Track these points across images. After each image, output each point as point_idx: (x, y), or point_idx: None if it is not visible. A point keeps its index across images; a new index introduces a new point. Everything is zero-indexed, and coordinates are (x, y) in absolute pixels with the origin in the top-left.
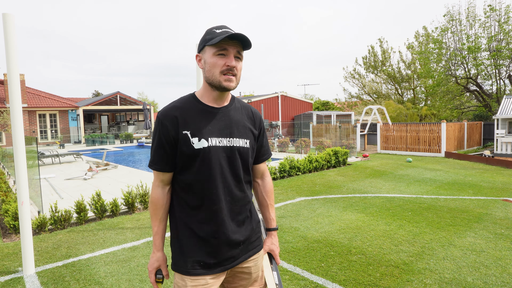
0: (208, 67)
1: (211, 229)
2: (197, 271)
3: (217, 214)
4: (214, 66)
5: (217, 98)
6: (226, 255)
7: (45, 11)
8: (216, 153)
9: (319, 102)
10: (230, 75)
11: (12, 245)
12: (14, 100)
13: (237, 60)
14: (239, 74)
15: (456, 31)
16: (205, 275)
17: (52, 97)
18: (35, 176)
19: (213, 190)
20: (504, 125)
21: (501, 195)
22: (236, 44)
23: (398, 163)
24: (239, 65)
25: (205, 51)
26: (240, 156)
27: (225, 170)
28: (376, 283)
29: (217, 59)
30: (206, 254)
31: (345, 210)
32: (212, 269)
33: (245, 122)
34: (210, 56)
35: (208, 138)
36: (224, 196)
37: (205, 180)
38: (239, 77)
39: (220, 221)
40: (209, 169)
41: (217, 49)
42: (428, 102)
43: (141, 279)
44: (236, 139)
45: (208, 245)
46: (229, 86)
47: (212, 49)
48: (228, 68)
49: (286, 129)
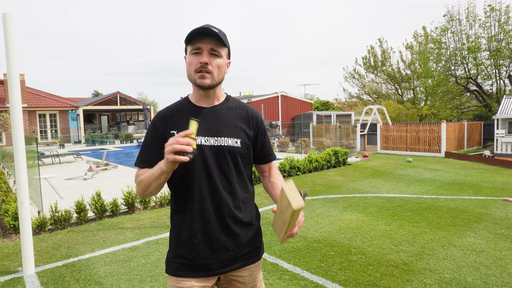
0: (187, 66)
1: (194, 229)
2: (182, 273)
3: (201, 214)
4: (190, 64)
5: (204, 97)
6: (213, 258)
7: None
8: (202, 152)
9: (319, 102)
10: (203, 72)
11: (12, 245)
12: (14, 100)
13: (213, 57)
14: (216, 71)
15: (456, 31)
16: (190, 278)
17: (52, 97)
18: (35, 176)
19: (197, 189)
20: (504, 125)
21: (501, 195)
22: (209, 40)
23: (398, 163)
24: (215, 62)
25: (187, 51)
26: (230, 156)
27: (212, 170)
28: (376, 283)
29: (192, 57)
30: (190, 255)
31: (345, 210)
32: (198, 272)
33: (236, 122)
34: (188, 55)
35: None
36: (209, 196)
37: (190, 179)
38: (218, 74)
39: (205, 221)
40: (193, 167)
41: (192, 47)
42: (428, 102)
43: (141, 279)
44: (225, 138)
45: (191, 246)
46: (203, 83)
47: (189, 48)
48: (201, 65)
49: (286, 129)
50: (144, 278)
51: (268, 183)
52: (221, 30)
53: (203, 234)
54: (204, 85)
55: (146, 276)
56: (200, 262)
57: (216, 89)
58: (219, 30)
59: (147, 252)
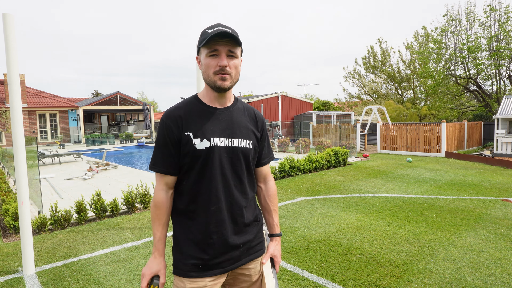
0: (203, 68)
1: (210, 230)
2: (196, 273)
3: (216, 215)
4: (208, 67)
5: (218, 98)
6: (225, 256)
7: (45, 11)
8: (218, 153)
9: (319, 102)
10: (223, 74)
11: (12, 245)
12: (14, 100)
13: (230, 58)
14: (234, 71)
15: (456, 31)
16: (203, 277)
17: (52, 97)
18: (35, 176)
19: (213, 190)
20: (504, 125)
21: (501, 195)
22: (227, 42)
23: (398, 163)
24: (233, 62)
25: (201, 52)
26: (243, 157)
27: (226, 171)
28: (376, 283)
29: (210, 60)
30: (205, 255)
31: (345, 210)
32: (211, 271)
33: (247, 124)
34: (204, 57)
35: (210, 138)
36: (224, 196)
37: (206, 180)
38: (235, 74)
39: (220, 222)
40: (210, 169)
41: (209, 50)
42: (428, 102)
43: None
44: (239, 140)
45: (207, 247)
46: (223, 85)
47: (205, 50)
48: (220, 68)
49: (286, 129)
50: None
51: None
52: (233, 29)
53: (218, 235)
54: (225, 87)
55: None
56: (214, 262)
57: (230, 90)
58: (232, 30)
59: (147, 252)
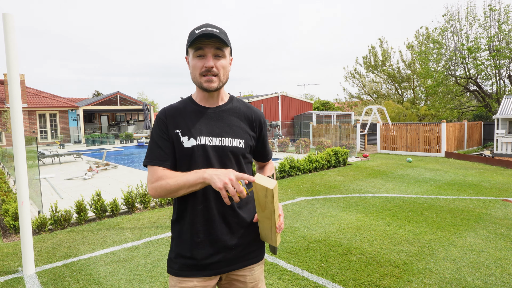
0: (191, 69)
1: (197, 228)
2: (184, 273)
3: (204, 214)
4: (195, 68)
5: (208, 98)
6: (216, 257)
7: (45, 11)
8: (206, 152)
9: (319, 102)
10: (210, 76)
11: (12, 245)
12: (14, 100)
13: (217, 59)
14: (222, 71)
15: (456, 31)
16: (192, 277)
17: (52, 97)
18: (35, 176)
19: (201, 189)
20: (504, 125)
21: (501, 195)
22: (213, 42)
23: (398, 163)
24: (220, 63)
25: (189, 53)
26: (233, 156)
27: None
28: (376, 283)
29: (196, 61)
30: (194, 255)
31: (345, 210)
32: (200, 272)
33: (239, 122)
34: (191, 58)
35: (197, 136)
36: (213, 195)
37: None
38: (224, 74)
39: (208, 221)
40: (197, 167)
41: (195, 50)
42: (428, 102)
43: (141, 279)
44: (228, 139)
45: (196, 246)
46: (209, 86)
47: (192, 50)
48: (206, 69)
49: (286, 129)
50: (144, 278)
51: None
52: (221, 29)
53: (206, 234)
54: (211, 89)
55: (146, 276)
56: (203, 262)
57: (220, 90)
58: (220, 30)
59: (147, 252)
